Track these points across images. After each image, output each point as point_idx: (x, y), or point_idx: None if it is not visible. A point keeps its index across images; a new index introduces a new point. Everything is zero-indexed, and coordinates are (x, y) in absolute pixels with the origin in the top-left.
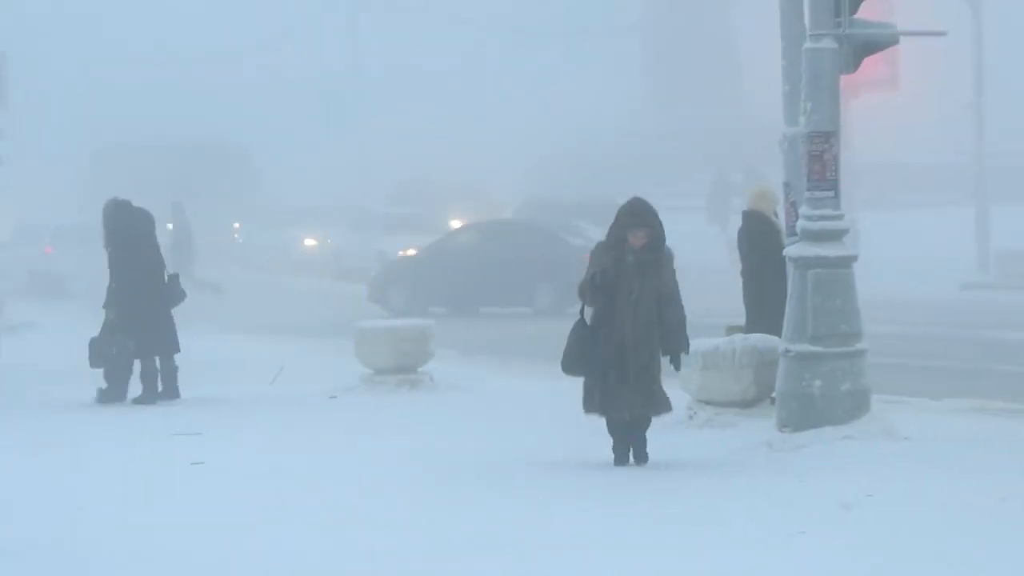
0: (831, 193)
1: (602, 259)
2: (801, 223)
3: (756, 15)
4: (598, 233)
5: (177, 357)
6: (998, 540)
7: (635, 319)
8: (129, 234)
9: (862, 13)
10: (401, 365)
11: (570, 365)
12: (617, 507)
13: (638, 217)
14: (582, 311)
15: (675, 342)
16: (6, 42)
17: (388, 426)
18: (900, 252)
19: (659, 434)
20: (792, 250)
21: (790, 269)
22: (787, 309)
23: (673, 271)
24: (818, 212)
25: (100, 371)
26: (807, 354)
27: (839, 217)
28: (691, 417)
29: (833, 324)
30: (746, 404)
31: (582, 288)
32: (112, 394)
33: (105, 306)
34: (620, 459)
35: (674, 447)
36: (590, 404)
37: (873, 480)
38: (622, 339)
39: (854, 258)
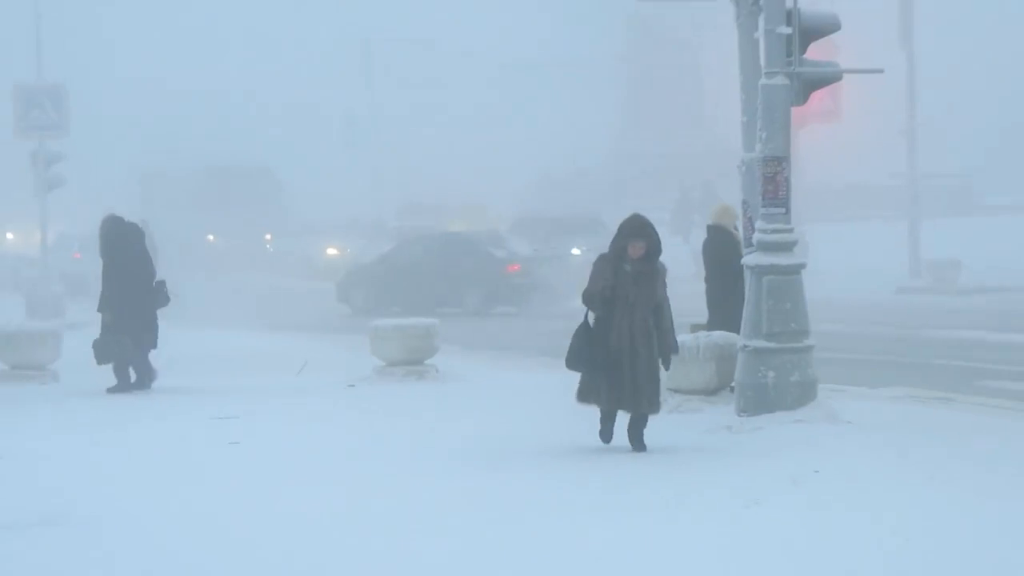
0: (783, 210)
1: (604, 270)
2: (757, 236)
3: (719, 55)
4: (523, 246)
5: (217, 350)
6: (924, 513)
7: (631, 324)
8: (121, 245)
9: (810, 53)
10: (410, 358)
11: (574, 363)
12: (600, 481)
13: (637, 230)
14: (586, 315)
15: (666, 346)
16: (66, 75)
17: (399, 411)
18: (843, 261)
19: None
20: (749, 259)
21: (747, 275)
22: (744, 310)
23: (664, 284)
24: (772, 226)
25: (108, 366)
26: (762, 349)
27: (790, 231)
28: (662, 404)
29: (784, 323)
30: (709, 392)
31: (590, 297)
32: (121, 386)
33: (99, 310)
34: (605, 438)
35: (648, 430)
36: (588, 396)
37: (819, 458)
38: (619, 341)
39: (803, 266)
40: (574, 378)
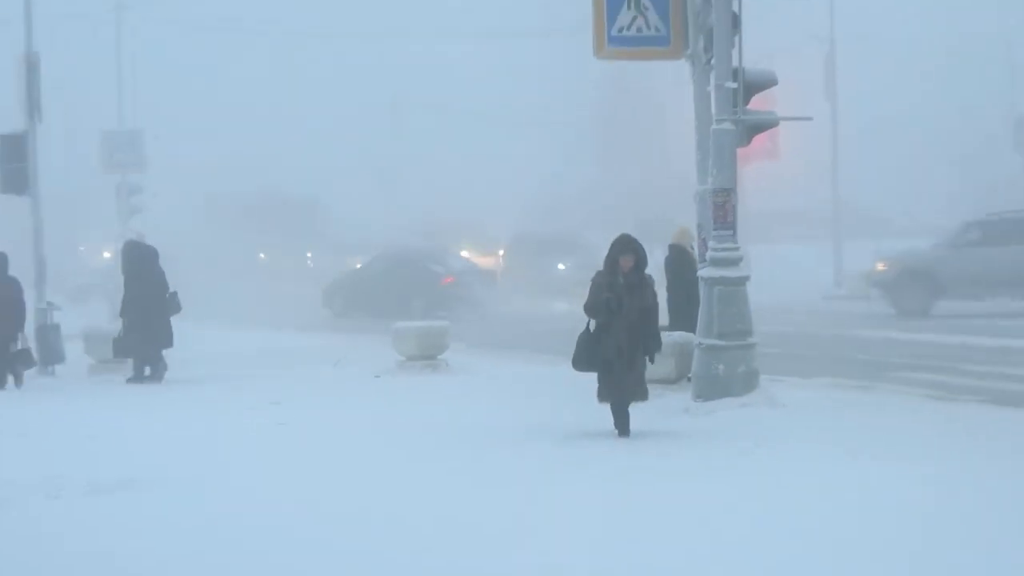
0: (731, 232)
1: (601, 284)
2: (710, 253)
3: (678, 105)
4: (458, 262)
5: (266, 346)
6: (845, 475)
7: (625, 328)
8: (140, 263)
9: (752, 104)
10: (425, 353)
11: (579, 364)
12: (586, 454)
13: (627, 246)
14: (588, 323)
15: (652, 345)
16: (144, 117)
17: (418, 398)
18: (780, 274)
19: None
20: (703, 272)
21: (702, 286)
22: (699, 314)
23: (654, 292)
24: (722, 246)
25: (128, 361)
26: (714, 346)
27: (736, 249)
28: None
29: (732, 324)
30: (670, 382)
31: (592, 307)
32: (138, 377)
33: (121, 315)
34: (621, 430)
35: None
36: (603, 395)
37: (761, 435)
38: (617, 344)
39: (747, 278)
40: (568, 370)
